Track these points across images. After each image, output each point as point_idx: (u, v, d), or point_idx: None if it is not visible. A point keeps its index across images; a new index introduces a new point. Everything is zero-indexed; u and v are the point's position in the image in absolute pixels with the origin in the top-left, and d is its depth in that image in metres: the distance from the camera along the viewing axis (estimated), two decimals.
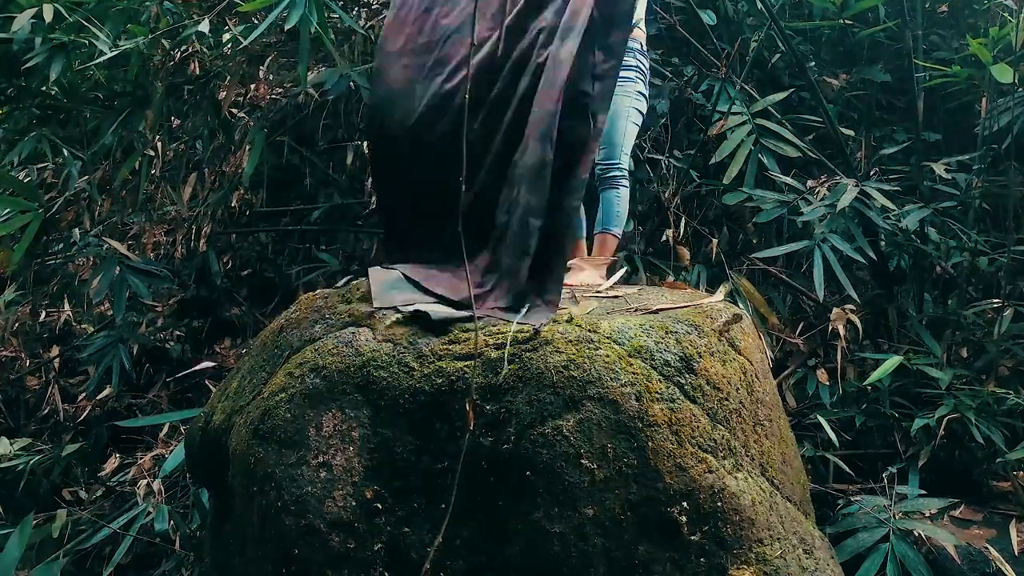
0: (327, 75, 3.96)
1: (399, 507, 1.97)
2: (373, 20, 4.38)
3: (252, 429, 2.11)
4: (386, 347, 2.08)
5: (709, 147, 3.79)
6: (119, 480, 3.65)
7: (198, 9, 3.96)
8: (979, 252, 3.53)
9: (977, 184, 3.65)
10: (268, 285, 4.86)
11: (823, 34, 4.43)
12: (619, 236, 3.02)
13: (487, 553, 1.91)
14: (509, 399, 1.94)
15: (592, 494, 1.85)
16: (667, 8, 4.25)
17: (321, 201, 4.85)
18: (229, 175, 4.46)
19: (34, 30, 3.32)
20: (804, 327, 3.62)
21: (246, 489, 2.08)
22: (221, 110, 4.06)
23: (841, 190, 3.24)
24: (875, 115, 4.28)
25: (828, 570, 2.07)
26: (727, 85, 3.71)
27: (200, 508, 3.15)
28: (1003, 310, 3.26)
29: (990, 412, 3.00)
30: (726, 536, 1.89)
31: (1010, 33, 3.35)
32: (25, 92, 3.78)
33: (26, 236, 3.49)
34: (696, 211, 3.97)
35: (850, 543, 2.50)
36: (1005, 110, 3.62)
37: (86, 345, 4.20)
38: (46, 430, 4.42)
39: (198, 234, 4.69)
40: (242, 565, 2.14)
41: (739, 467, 1.98)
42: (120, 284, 3.70)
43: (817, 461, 3.11)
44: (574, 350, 1.96)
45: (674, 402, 1.94)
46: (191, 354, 4.65)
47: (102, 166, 4.00)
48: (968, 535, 2.70)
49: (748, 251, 3.84)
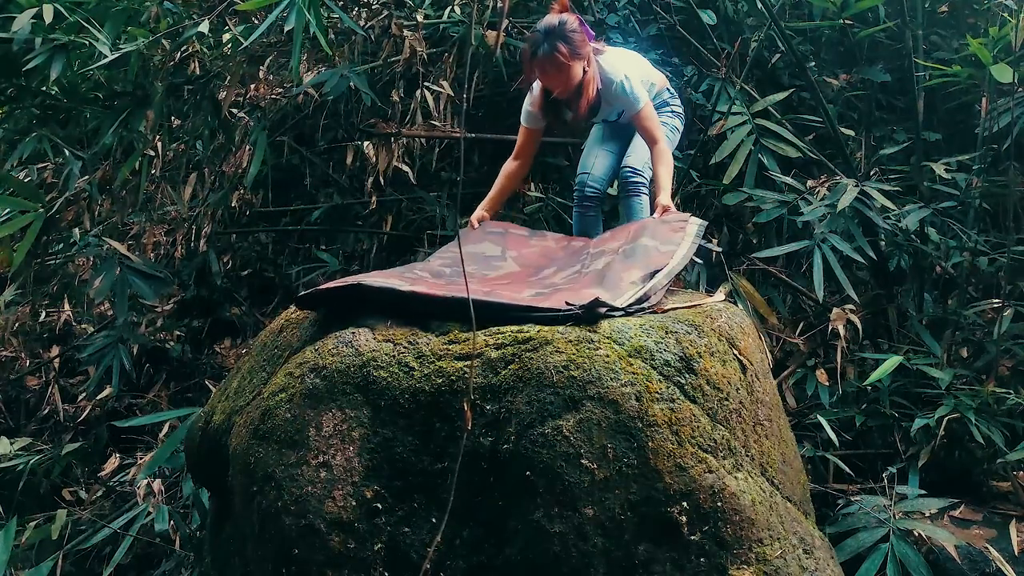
0: (327, 75, 3.97)
1: (399, 507, 1.97)
2: (373, 20, 4.38)
3: (252, 429, 2.11)
4: (386, 347, 2.09)
5: (709, 147, 3.79)
6: (119, 480, 3.65)
7: (198, 9, 3.96)
8: (979, 252, 3.53)
9: (977, 184, 3.64)
10: (268, 285, 4.86)
11: (823, 34, 4.43)
12: None
13: (487, 553, 1.92)
14: (509, 399, 1.94)
15: (592, 494, 1.86)
16: (667, 8, 4.25)
17: (321, 201, 4.86)
18: (229, 175, 4.47)
19: (34, 30, 3.31)
20: (804, 327, 3.62)
21: (246, 489, 2.08)
22: (221, 110, 4.07)
23: (841, 190, 3.24)
24: (875, 115, 4.28)
25: (828, 570, 2.07)
26: (727, 85, 3.71)
27: (200, 508, 3.16)
28: (1003, 310, 3.26)
29: (990, 412, 2.99)
30: (726, 536, 1.89)
31: (1010, 33, 3.35)
32: (25, 92, 3.78)
33: (27, 236, 3.49)
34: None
35: (850, 543, 2.50)
36: (1005, 110, 3.62)
37: (86, 345, 4.20)
38: (46, 430, 4.42)
39: (198, 234, 4.69)
40: (242, 565, 2.15)
41: (739, 467, 1.98)
42: (120, 284, 3.70)
43: (817, 461, 3.11)
44: (574, 350, 1.96)
45: (674, 402, 1.94)
46: (191, 354, 4.66)
47: (102, 166, 4.00)
48: (968, 535, 2.70)
49: (748, 251, 3.84)
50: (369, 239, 4.71)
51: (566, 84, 2.87)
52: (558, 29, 2.80)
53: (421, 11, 4.19)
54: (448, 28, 4.29)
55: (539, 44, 2.82)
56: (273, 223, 5.05)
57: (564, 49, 2.79)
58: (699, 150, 3.79)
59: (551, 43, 2.79)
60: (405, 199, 4.56)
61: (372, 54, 4.37)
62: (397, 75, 4.25)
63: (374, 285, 2.22)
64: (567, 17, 2.84)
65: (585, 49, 2.85)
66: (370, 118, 4.35)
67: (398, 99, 4.22)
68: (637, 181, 3.02)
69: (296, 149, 4.83)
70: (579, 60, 2.83)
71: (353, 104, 4.40)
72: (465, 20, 4.07)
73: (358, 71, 4.00)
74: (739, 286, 3.23)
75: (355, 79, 3.91)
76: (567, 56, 2.79)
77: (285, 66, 4.51)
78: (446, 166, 4.65)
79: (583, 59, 2.85)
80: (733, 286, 3.22)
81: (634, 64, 3.13)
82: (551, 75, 2.88)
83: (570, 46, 2.79)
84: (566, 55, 2.79)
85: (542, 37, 2.82)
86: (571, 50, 2.80)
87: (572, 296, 2.18)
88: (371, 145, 4.20)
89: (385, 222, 4.61)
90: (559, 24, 2.81)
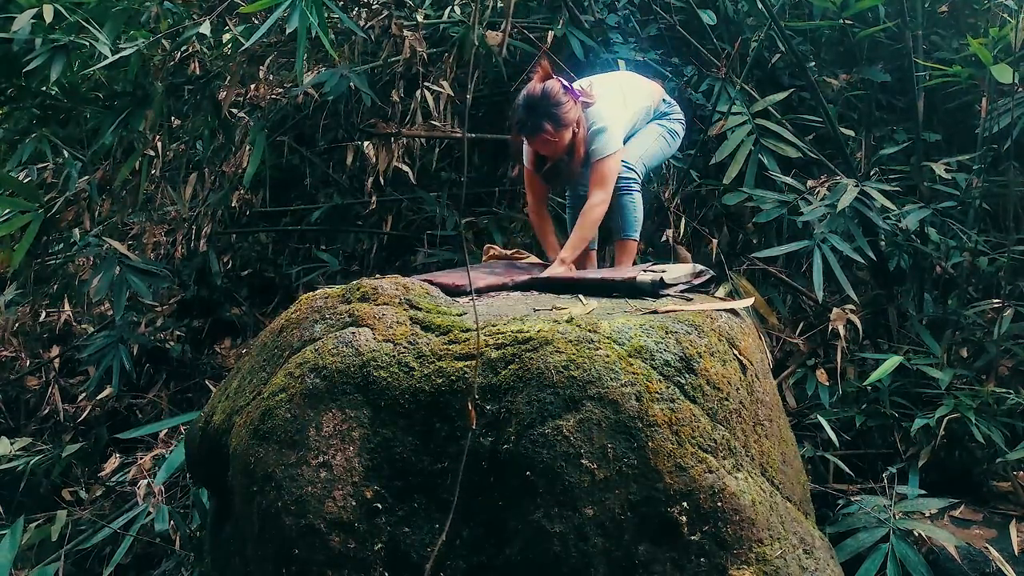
0: (327, 75, 3.96)
1: (399, 507, 1.97)
2: (373, 20, 4.38)
3: (252, 429, 2.11)
4: (386, 347, 2.09)
5: (709, 147, 3.79)
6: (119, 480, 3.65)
7: (198, 9, 3.96)
8: (979, 252, 3.53)
9: (977, 184, 3.64)
10: (268, 285, 4.87)
11: (823, 34, 4.43)
12: (638, 240, 3.08)
13: (487, 553, 1.91)
14: (509, 399, 1.94)
15: (592, 494, 1.85)
16: (667, 8, 4.25)
17: (321, 201, 4.86)
18: (229, 175, 4.47)
19: (34, 31, 3.31)
20: (804, 327, 3.62)
21: (246, 489, 2.08)
22: (221, 110, 4.06)
23: (841, 190, 3.24)
24: (875, 115, 4.28)
25: (828, 570, 2.07)
26: (727, 85, 3.71)
27: (200, 508, 3.16)
28: (1003, 310, 3.26)
29: (990, 412, 3.00)
30: (726, 536, 1.89)
31: (1010, 33, 3.35)
32: (25, 92, 3.78)
33: (26, 236, 3.49)
34: (696, 211, 3.97)
35: (850, 543, 2.50)
36: (1005, 110, 3.61)
37: (86, 345, 4.20)
38: (46, 430, 4.42)
39: (198, 234, 4.69)
40: (242, 565, 2.15)
41: (739, 467, 1.98)
42: (120, 284, 3.70)
43: (817, 461, 3.11)
44: (574, 350, 1.96)
45: (674, 402, 1.94)
46: (191, 354, 4.66)
47: (102, 166, 4.00)
48: (968, 535, 2.70)
49: (748, 251, 3.84)
50: (369, 239, 4.71)
51: (555, 151, 2.85)
52: (541, 104, 2.75)
53: (421, 11, 4.19)
54: (448, 28, 4.29)
55: (524, 122, 2.79)
56: (273, 223, 5.05)
57: (549, 126, 2.75)
58: (699, 150, 3.79)
59: (535, 122, 2.75)
60: (405, 199, 4.56)
61: (372, 54, 4.36)
62: (397, 75, 4.24)
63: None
64: (550, 87, 2.77)
65: (571, 116, 2.79)
66: (370, 118, 4.35)
67: (398, 99, 4.22)
68: (628, 178, 2.99)
69: (296, 149, 4.83)
70: (566, 129, 2.79)
71: (353, 104, 4.40)
72: (465, 20, 4.07)
73: (358, 71, 3.99)
74: (739, 286, 3.23)
75: (355, 79, 3.90)
76: (552, 133, 2.76)
77: (285, 66, 4.51)
78: (446, 166, 4.66)
79: (570, 126, 2.80)
80: (733, 286, 3.22)
81: (625, 99, 3.07)
82: (539, 147, 2.87)
83: (554, 121, 2.75)
84: (551, 132, 2.76)
85: (525, 114, 2.77)
86: (556, 125, 2.76)
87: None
88: (371, 145, 4.20)
89: (385, 222, 4.61)
90: (542, 97, 2.75)
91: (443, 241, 4.32)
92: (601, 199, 2.88)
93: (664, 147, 3.23)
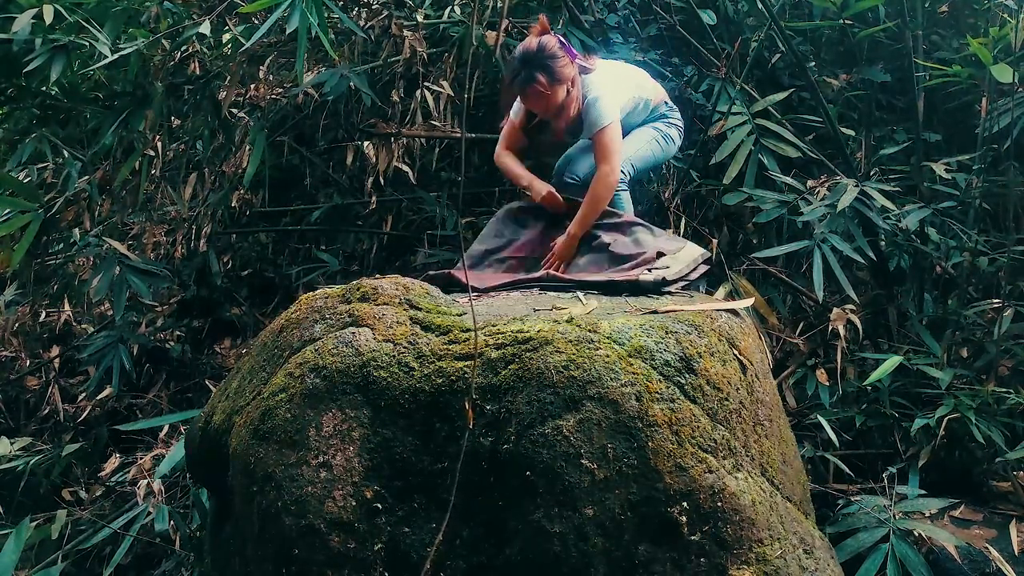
0: (327, 75, 3.96)
1: (399, 507, 1.97)
2: (373, 20, 4.38)
3: (252, 429, 2.11)
4: (386, 347, 2.09)
5: (709, 147, 3.79)
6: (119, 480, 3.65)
7: (198, 9, 3.96)
8: (979, 252, 3.53)
9: (977, 184, 3.64)
10: (268, 285, 4.86)
11: (823, 34, 4.43)
12: None
13: (487, 553, 1.91)
14: (509, 399, 1.94)
15: (592, 494, 1.86)
16: (667, 8, 4.25)
17: (321, 201, 4.86)
18: (229, 175, 4.47)
19: (34, 31, 3.31)
20: (804, 327, 3.62)
21: (246, 489, 2.08)
22: (221, 110, 4.06)
23: (841, 190, 3.24)
24: (875, 115, 4.28)
25: (828, 570, 2.07)
26: (727, 85, 3.71)
27: (200, 508, 3.15)
28: (1003, 310, 3.26)
29: (990, 412, 2.99)
30: (726, 536, 1.89)
31: (1010, 33, 3.35)
32: (25, 92, 3.78)
33: (26, 236, 3.49)
34: (696, 211, 3.97)
35: (850, 543, 2.50)
36: (1005, 110, 3.61)
37: (86, 345, 4.20)
38: (46, 430, 4.42)
39: (198, 234, 4.69)
40: (242, 565, 2.15)
41: (739, 467, 1.98)
42: (120, 284, 3.70)
43: (817, 461, 3.11)
44: (574, 350, 1.96)
45: (674, 402, 1.94)
46: (191, 354, 4.65)
47: (102, 166, 4.00)
48: (968, 535, 2.70)
49: (748, 251, 3.84)
50: (369, 239, 4.71)
51: (547, 107, 2.84)
52: (536, 56, 2.75)
53: (421, 11, 4.19)
54: (448, 28, 4.29)
55: (517, 73, 2.78)
56: (273, 223, 5.05)
57: (543, 78, 2.74)
58: (699, 150, 3.79)
59: (529, 72, 2.75)
60: (405, 199, 4.56)
61: (372, 54, 4.36)
62: (397, 75, 4.25)
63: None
64: (546, 41, 2.77)
65: (566, 72, 2.78)
66: (370, 118, 4.35)
67: (398, 99, 4.22)
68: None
69: (296, 149, 4.83)
70: (560, 85, 2.78)
71: (353, 104, 4.40)
72: (465, 20, 4.07)
73: (358, 71, 3.99)
74: (739, 286, 3.23)
75: (355, 79, 3.90)
76: (546, 85, 2.75)
77: (285, 66, 4.51)
78: (446, 166, 4.65)
79: (564, 83, 2.79)
80: (733, 286, 3.22)
81: (625, 81, 3.06)
82: (531, 101, 2.85)
83: (548, 73, 2.75)
84: (545, 84, 2.75)
85: (519, 65, 2.77)
86: (550, 78, 2.75)
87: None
88: (371, 145, 4.20)
89: (385, 222, 4.61)
90: (538, 50, 2.75)
91: (443, 241, 4.32)
92: (608, 170, 2.84)
93: (656, 150, 3.20)
